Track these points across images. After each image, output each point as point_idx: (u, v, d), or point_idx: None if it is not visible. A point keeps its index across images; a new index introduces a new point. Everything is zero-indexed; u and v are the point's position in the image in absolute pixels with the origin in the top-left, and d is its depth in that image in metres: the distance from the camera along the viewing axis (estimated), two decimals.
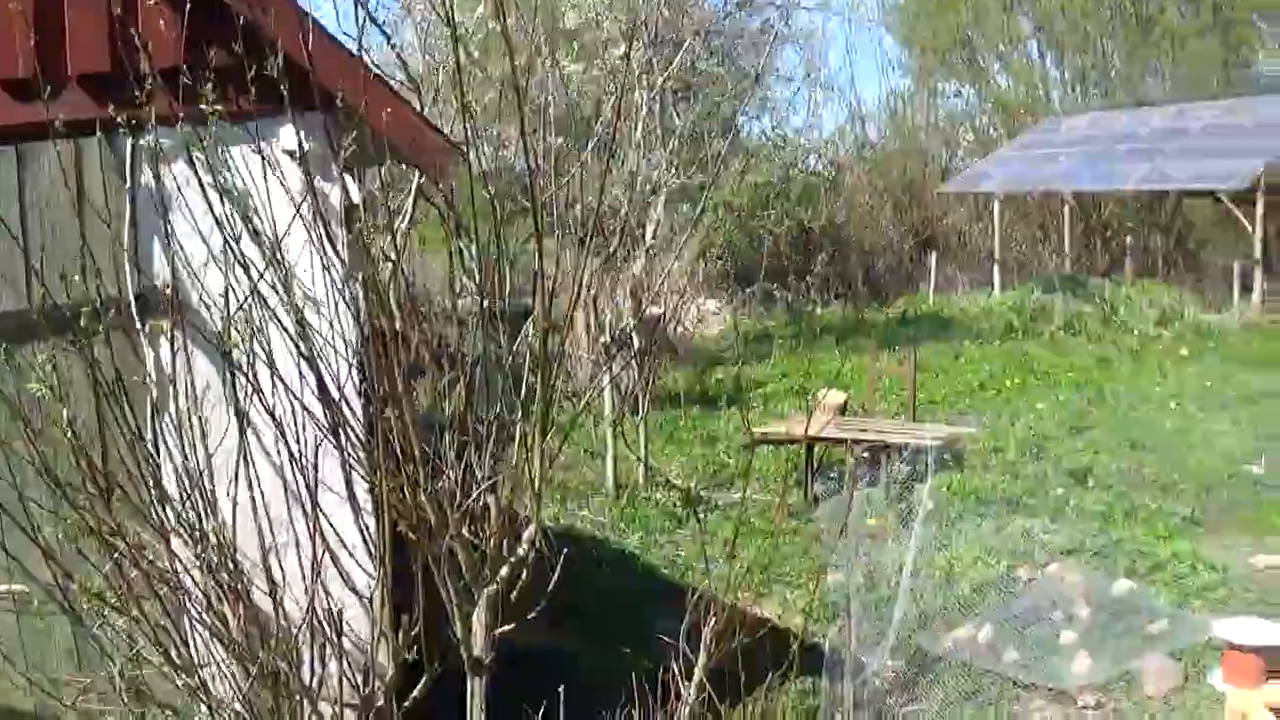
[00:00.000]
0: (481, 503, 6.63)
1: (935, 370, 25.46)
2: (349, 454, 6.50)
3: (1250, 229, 33.97)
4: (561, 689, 6.90)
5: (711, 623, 7.44)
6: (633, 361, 18.68)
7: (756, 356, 28.06)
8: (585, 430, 19.25)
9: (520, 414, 6.34)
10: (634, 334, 18.75)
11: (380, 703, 7.01)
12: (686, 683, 7.65)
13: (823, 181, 42.32)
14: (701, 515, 15.99)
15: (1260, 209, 33.58)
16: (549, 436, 6.51)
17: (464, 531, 6.66)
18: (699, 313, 31.34)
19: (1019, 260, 43.23)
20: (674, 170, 21.74)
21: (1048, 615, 12.04)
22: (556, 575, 6.95)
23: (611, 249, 20.62)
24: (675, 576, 13.67)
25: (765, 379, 25.20)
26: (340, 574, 6.43)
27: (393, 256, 6.52)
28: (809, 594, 12.71)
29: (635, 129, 22.71)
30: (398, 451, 6.17)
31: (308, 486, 6.36)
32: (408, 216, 17.86)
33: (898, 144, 50.06)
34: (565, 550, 7.10)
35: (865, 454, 16.11)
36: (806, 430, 16.19)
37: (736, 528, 8.36)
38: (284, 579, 6.35)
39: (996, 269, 40.13)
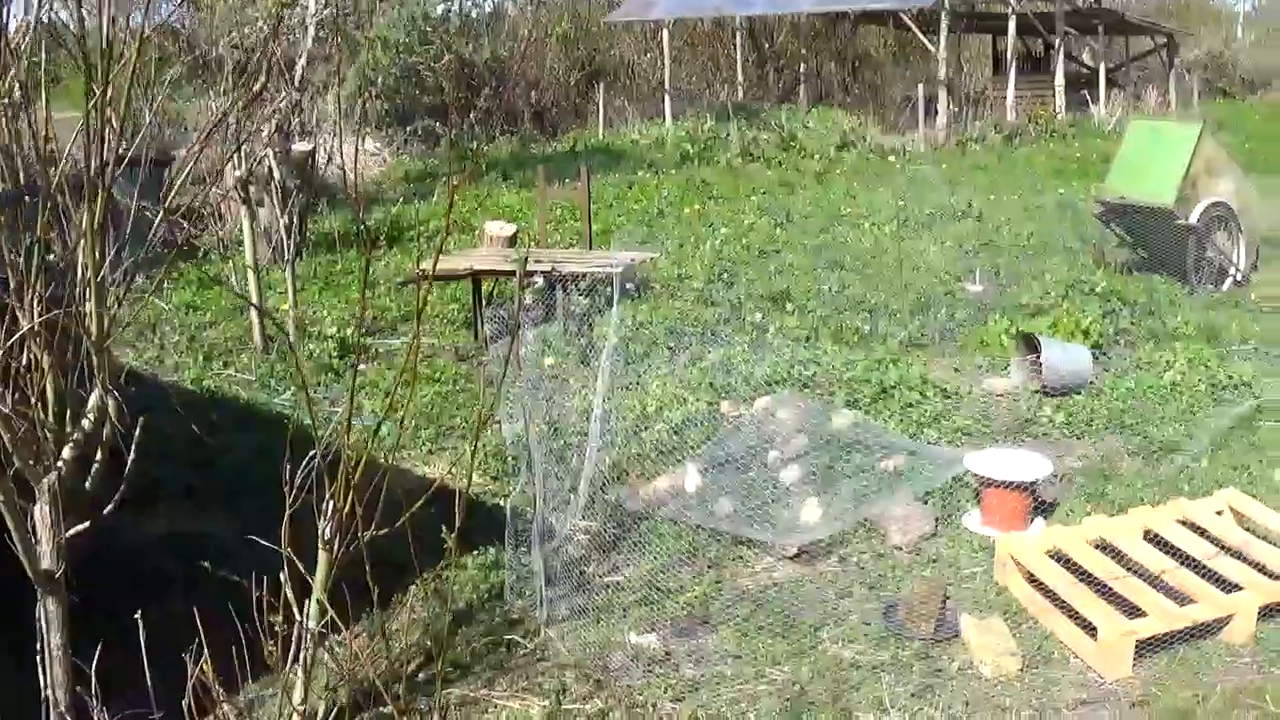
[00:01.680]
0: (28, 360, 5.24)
1: (610, 201, 23.47)
2: None
3: (934, 51, 32.84)
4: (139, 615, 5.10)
5: (329, 508, 5.24)
6: (276, 202, 16.19)
7: (420, 196, 25.67)
8: (232, 281, 16.80)
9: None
10: (275, 171, 16.24)
11: None
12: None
13: (484, 15, 40.10)
14: (359, 366, 13.70)
15: (944, 30, 32.46)
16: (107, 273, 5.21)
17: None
18: (358, 154, 28.96)
19: (690, 91, 41.60)
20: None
21: (762, 458, 10.12)
22: (132, 456, 5.31)
23: (256, 87, 18.18)
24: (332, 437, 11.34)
25: (429, 217, 22.83)
26: None
27: None
28: (481, 449, 10.63)
29: None
30: None
31: None
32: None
33: None
34: (143, 418, 5.38)
35: (537, 281, 14.03)
36: (428, 265, 14.01)
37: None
38: None
39: (668, 100, 38.42)
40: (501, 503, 8.95)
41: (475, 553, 8.55)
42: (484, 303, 14.91)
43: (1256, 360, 12.51)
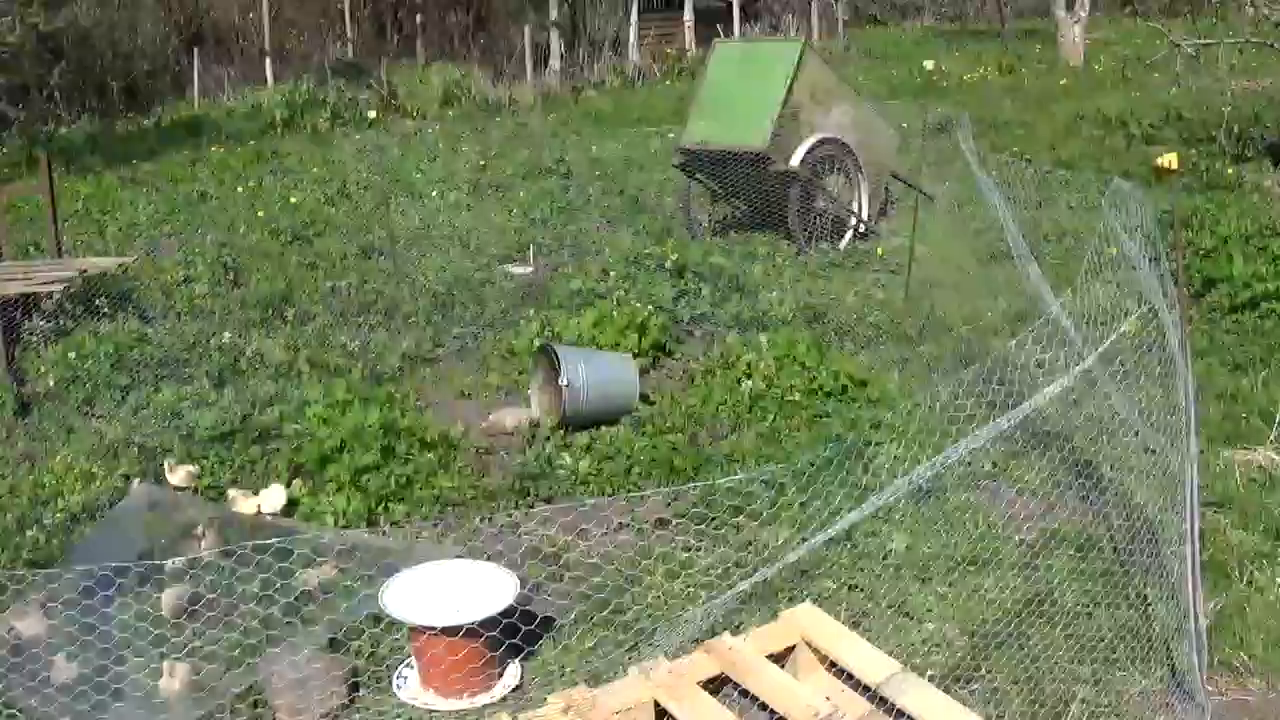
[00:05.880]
0: None
1: (157, 185, 19.53)
2: None
3: None
4: None
5: None
6: None
7: None
8: None
9: None
10: None
11: None
12: None
13: None
14: None
15: None
16: None
17: None
18: None
19: (303, 52, 37.60)
20: None
21: (154, 571, 6.50)
22: None
23: None
24: None
25: None
26: None
27: None
28: None
29: None
30: None
31: None
32: None
33: None
34: None
35: None
36: None
37: None
38: None
39: (268, 62, 34.49)
40: None
41: None
42: None
43: (876, 348, 9.37)
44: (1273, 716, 5.36)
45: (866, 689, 5.16)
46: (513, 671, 5.72)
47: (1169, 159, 15.55)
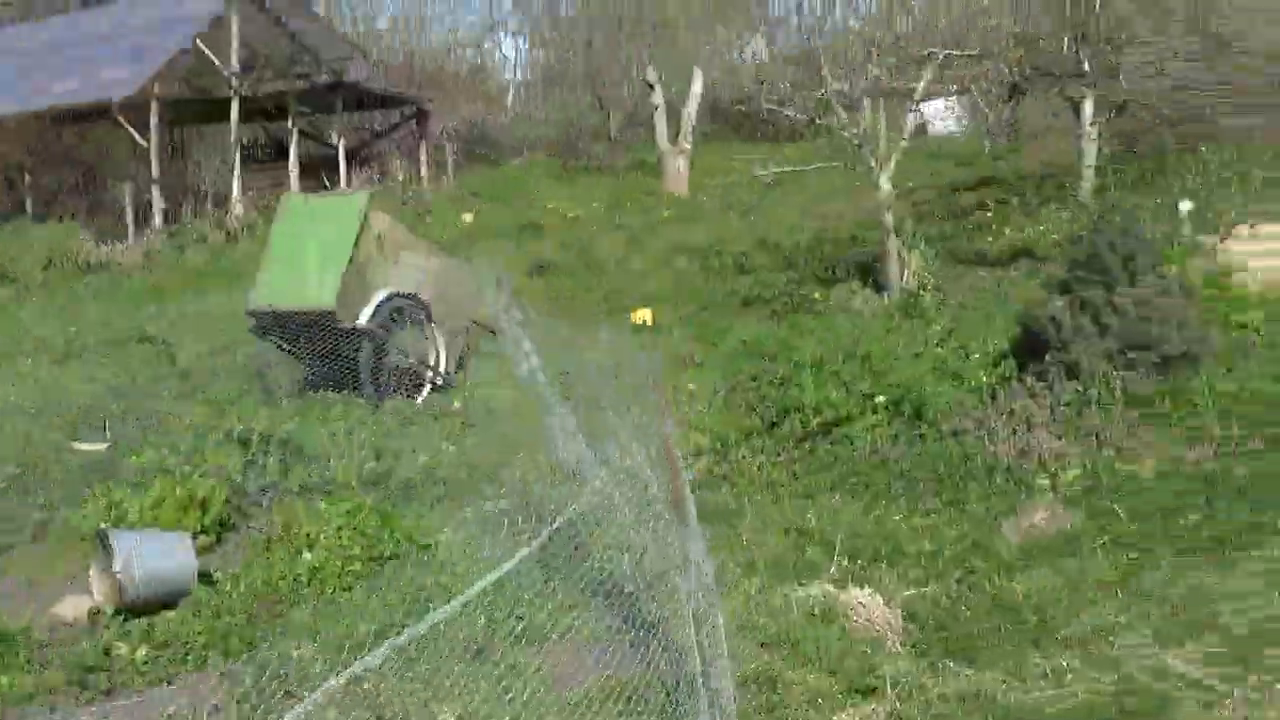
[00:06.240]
0: None
1: None
2: None
3: (146, 145, 28.86)
4: None
5: None
6: None
7: None
8: None
9: None
10: None
11: None
12: None
13: None
14: None
15: (155, 120, 28.60)
16: None
17: None
18: None
19: None
20: None
21: None
22: None
23: None
24: None
25: None
26: None
27: None
28: None
29: None
30: None
31: None
32: None
33: None
34: None
35: None
36: None
37: None
38: None
39: None
40: None
41: None
42: None
43: (443, 505, 9.49)
44: None
45: None
46: None
47: (643, 314, 15.93)
